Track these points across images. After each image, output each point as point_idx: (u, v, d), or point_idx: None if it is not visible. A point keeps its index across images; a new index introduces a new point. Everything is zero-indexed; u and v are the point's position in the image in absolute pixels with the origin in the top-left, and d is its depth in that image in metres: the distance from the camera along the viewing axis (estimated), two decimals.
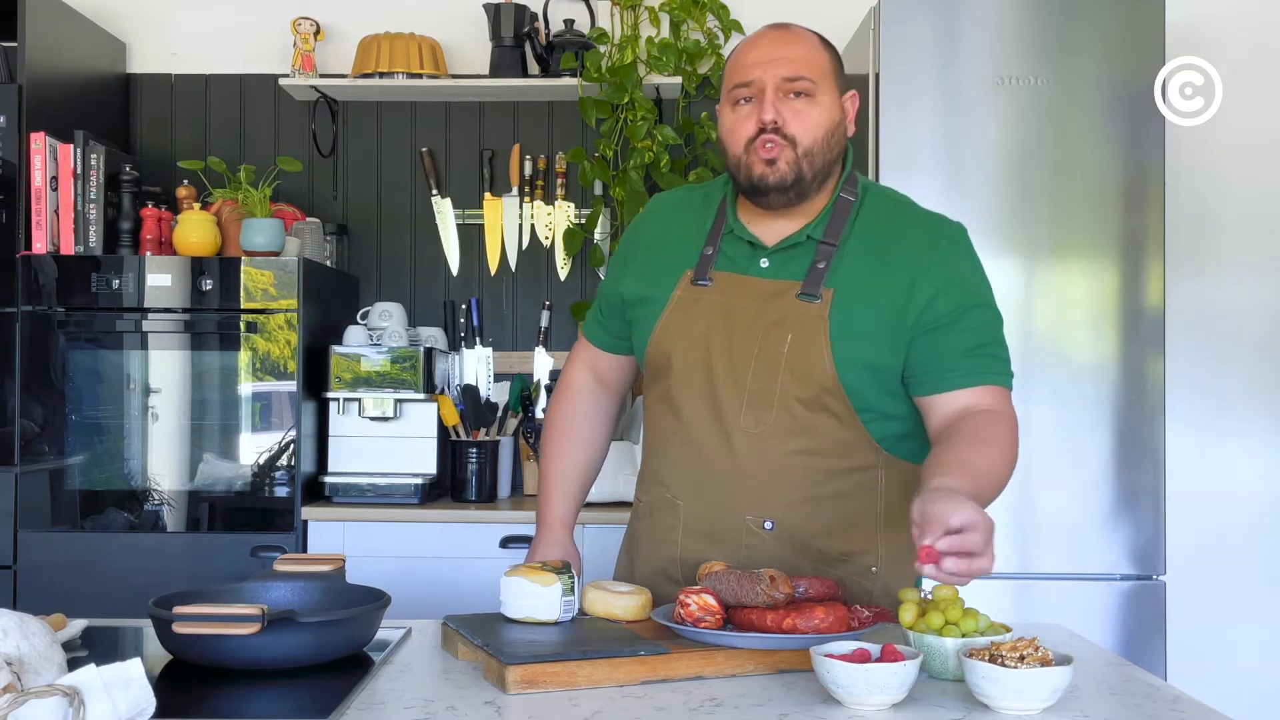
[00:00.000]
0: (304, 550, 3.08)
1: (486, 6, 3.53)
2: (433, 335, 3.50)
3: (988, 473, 1.63)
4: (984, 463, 1.63)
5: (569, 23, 3.54)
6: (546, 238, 3.65)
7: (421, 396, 3.20)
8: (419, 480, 3.19)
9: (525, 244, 3.66)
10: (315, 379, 3.19)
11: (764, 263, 1.79)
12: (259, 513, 3.09)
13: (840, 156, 1.80)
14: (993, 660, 1.35)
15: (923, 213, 1.84)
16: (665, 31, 3.56)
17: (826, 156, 1.75)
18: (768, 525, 1.77)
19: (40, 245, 3.10)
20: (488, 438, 3.27)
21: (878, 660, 1.36)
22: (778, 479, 1.76)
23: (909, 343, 1.73)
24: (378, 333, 3.32)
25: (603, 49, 3.50)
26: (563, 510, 1.98)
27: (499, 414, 3.36)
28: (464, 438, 3.26)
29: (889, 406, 1.77)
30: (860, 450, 1.77)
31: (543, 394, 3.48)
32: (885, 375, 1.75)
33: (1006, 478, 1.68)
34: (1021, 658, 1.34)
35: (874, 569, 1.80)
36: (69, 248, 3.14)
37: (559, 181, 3.65)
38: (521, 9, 3.52)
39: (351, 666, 1.52)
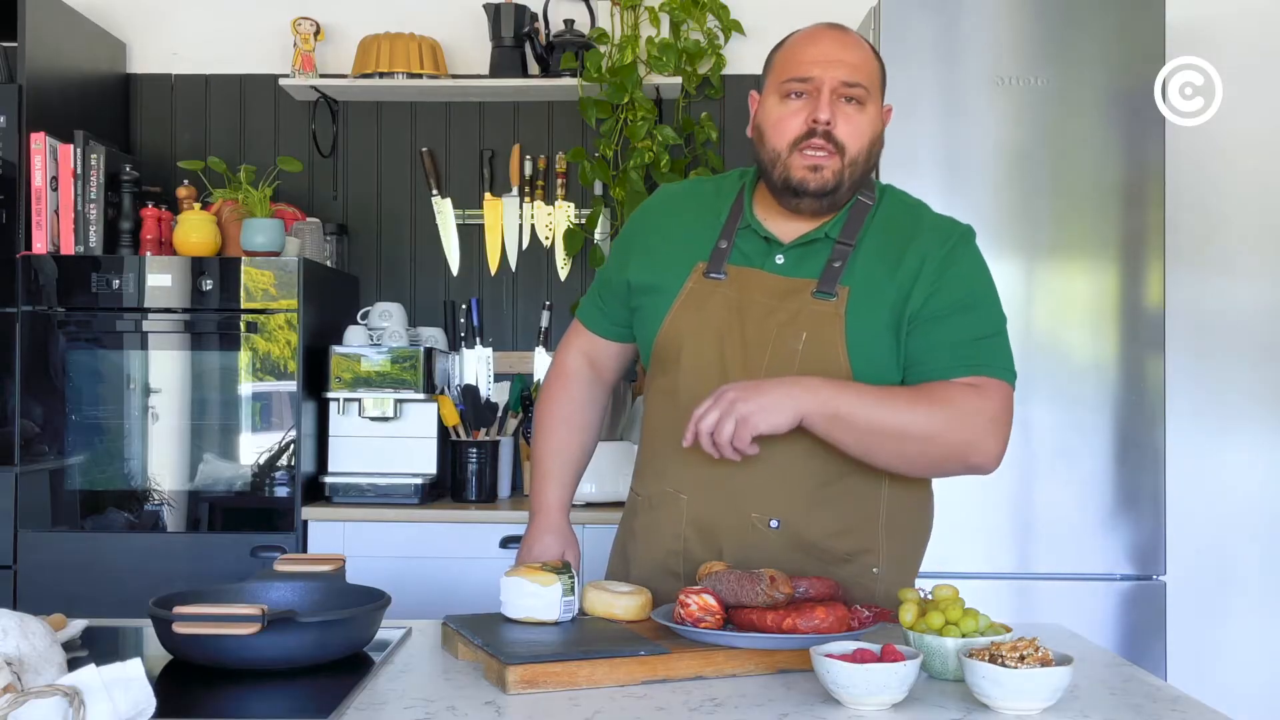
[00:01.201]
0: (304, 550, 3.08)
1: (486, 6, 3.53)
2: (433, 335, 3.50)
3: (883, 398, 1.68)
4: (887, 392, 1.69)
5: (569, 23, 3.54)
6: (546, 238, 3.65)
7: (421, 396, 3.20)
8: (419, 480, 3.19)
9: (525, 244, 3.66)
10: (315, 379, 3.19)
11: (779, 259, 1.78)
12: (259, 513, 3.09)
13: (875, 165, 1.80)
14: (993, 660, 1.35)
15: (933, 215, 1.84)
16: (665, 31, 3.57)
17: (866, 166, 1.76)
18: (773, 524, 1.76)
19: (40, 245, 3.10)
20: (488, 438, 3.27)
21: (878, 660, 1.36)
22: (785, 477, 1.76)
23: (909, 330, 1.73)
24: (378, 333, 3.32)
25: (603, 49, 3.50)
26: (559, 496, 1.97)
27: (499, 414, 3.36)
28: (464, 438, 3.26)
29: None
30: None
31: None
32: (895, 374, 1.75)
33: (922, 416, 1.68)
34: (1021, 658, 1.34)
35: (876, 569, 1.80)
36: (69, 248, 3.14)
37: (559, 181, 3.65)
38: (521, 9, 3.52)
39: (351, 666, 1.52)
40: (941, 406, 1.69)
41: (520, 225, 3.66)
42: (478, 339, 3.59)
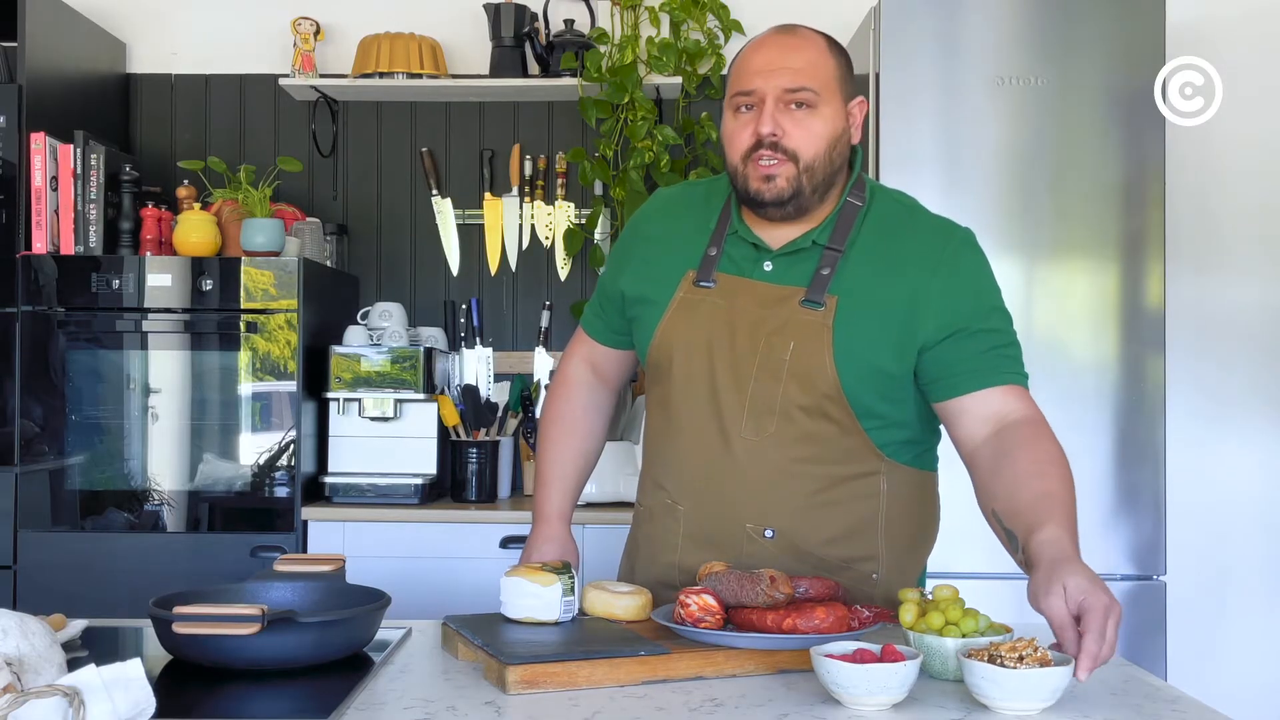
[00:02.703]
0: (304, 550, 3.08)
1: (486, 6, 3.53)
2: (433, 335, 3.50)
3: (1069, 499, 1.58)
4: (1062, 490, 1.59)
5: (569, 23, 3.54)
6: (546, 238, 3.65)
7: (421, 396, 3.20)
8: (419, 480, 3.19)
9: (525, 244, 3.66)
10: (315, 379, 3.19)
11: (768, 266, 1.76)
12: (259, 513, 3.09)
13: (844, 166, 1.77)
14: (992, 660, 1.34)
15: (930, 217, 1.81)
16: (665, 31, 3.56)
17: (828, 169, 1.73)
18: (768, 534, 1.76)
19: (40, 245, 3.10)
20: (488, 438, 3.27)
21: (878, 660, 1.36)
22: (778, 487, 1.75)
23: (922, 350, 1.71)
24: (378, 333, 3.32)
25: (603, 49, 3.50)
26: (560, 504, 1.97)
27: (499, 414, 3.36)
28: (464, 438, 3.26)
29: (891, 413, 1.76)
30: (861, 457, 1.76)
31: (542, 394, 3.47)
32: (889, 382, 1.73)
33: (1068, 473, 1.64)
34: (1021, 658, 1.34)
35: (874, 575, 1.79)
36: (69, 248, 3.14)
37: (559, 181, 3.65)
38: (521, 9, 3.52)
39: (351, 666, 1.52)
40: (1059, 465, 1.63)
41: (520, 225, 3.66)
42: (478, 339, 3.59)
